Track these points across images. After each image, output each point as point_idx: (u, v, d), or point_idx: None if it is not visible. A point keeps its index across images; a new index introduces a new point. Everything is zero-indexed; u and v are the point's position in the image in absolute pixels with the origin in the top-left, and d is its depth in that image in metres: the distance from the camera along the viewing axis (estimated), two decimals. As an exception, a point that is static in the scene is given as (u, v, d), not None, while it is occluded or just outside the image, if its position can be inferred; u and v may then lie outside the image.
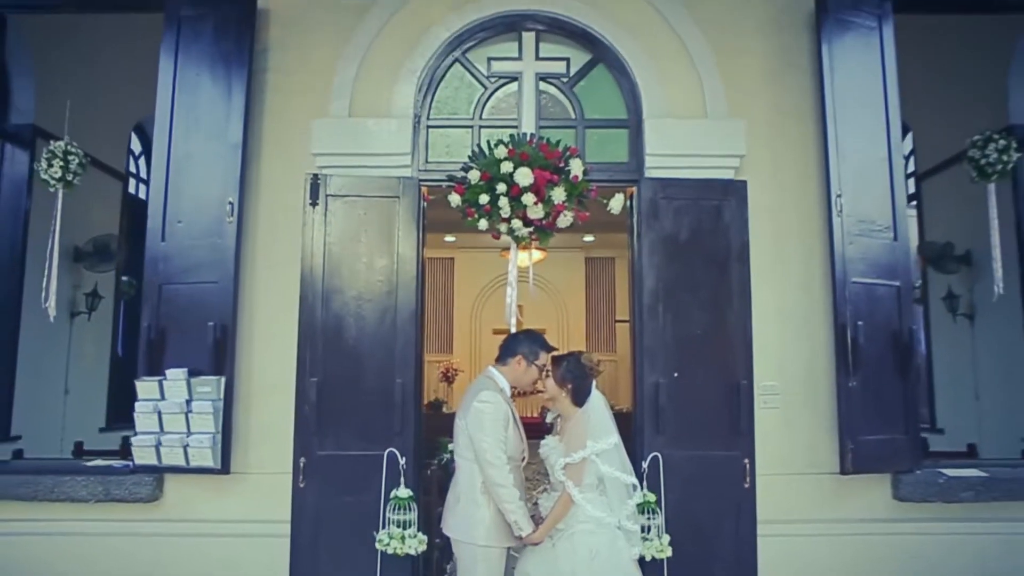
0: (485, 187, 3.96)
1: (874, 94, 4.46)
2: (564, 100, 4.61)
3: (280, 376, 4.18)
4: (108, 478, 4.21)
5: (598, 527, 3.38)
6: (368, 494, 3.96)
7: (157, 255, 4.34)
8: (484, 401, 3.33)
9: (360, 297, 4.22)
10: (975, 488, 4.24)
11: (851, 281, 4.21)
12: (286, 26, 4.56)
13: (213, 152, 4.33)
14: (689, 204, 4.29)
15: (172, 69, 4.49)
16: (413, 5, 4.50)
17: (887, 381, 4.24)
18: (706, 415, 4.15)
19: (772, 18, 4.58)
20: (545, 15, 4.54)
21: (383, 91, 4.43)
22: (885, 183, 4.42)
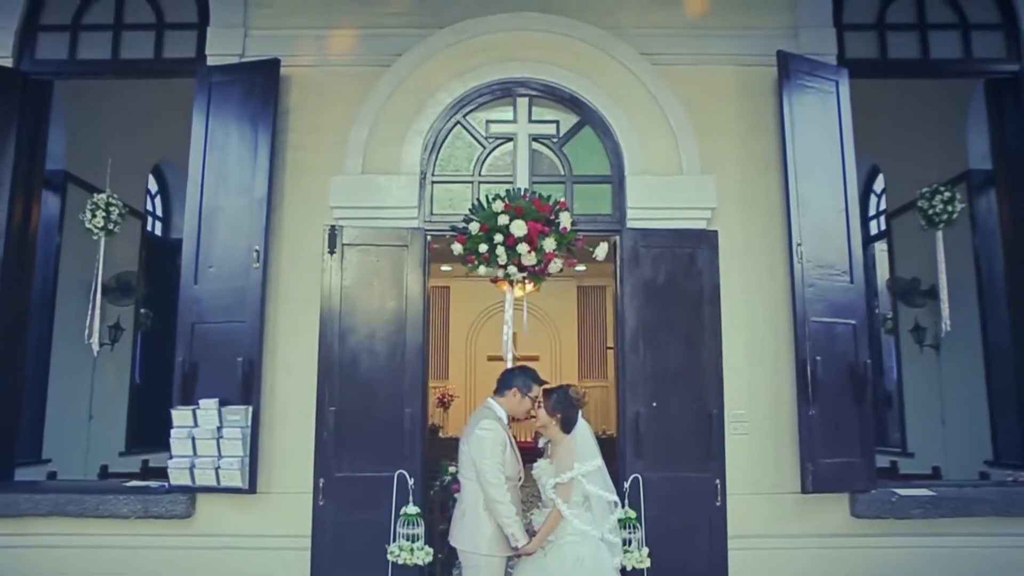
0: (484, 237, 4.54)
1: (832, 152, 5.08)
2: (554, 158, 5.22)
3: (301, 405, 4.74)
4: (147, 497, 4.75)
5: (584, 539, 3.91)
6: (380, 511, 4.48)
7: (190, 297, 4.90)
8: (485, 429, 3.88)
9: (373, 335, 4.79)
10: (924, 506, 4.80)
11: (810, 320, 4.79)
12: (306, 91, 5.17)
13: (241, 204, 4.92)
14: (666, 252, 4.88)
15: (204, 129, 5.08)
16: (419, 73, 5.11)
17: (844, 410, 4.81)
18: (682, 440, 4.71)
19: (740, 84, 5.20)
20: (537, 82, 5.16)
21: (393, 150, 5.03)
22: (842, 232, 5.02)
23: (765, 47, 5.13)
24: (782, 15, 5.29)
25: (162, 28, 5.38)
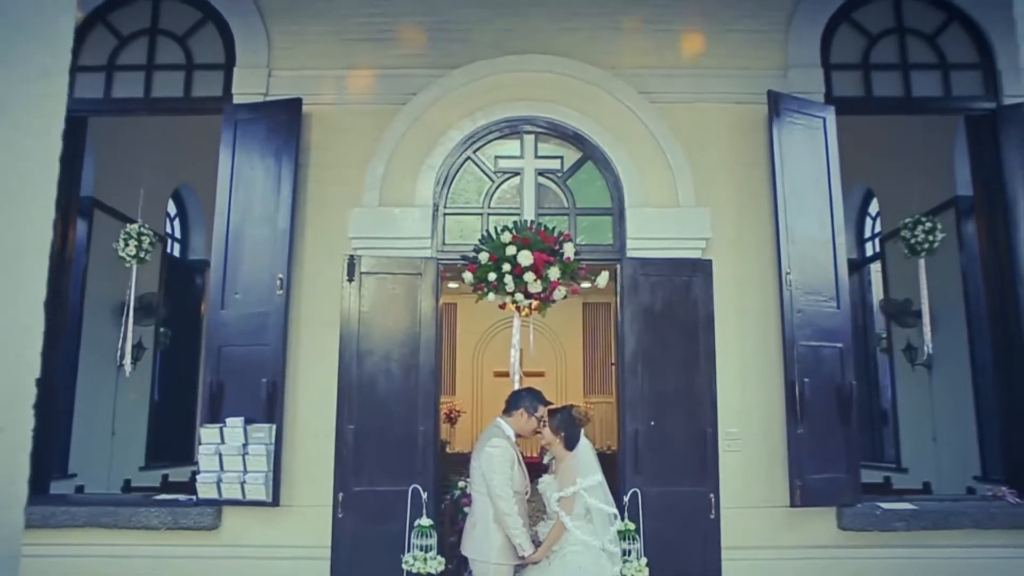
0: (493, 267, 4.93)
1: (820, 185, 5.46)
2: (559, 191, 5.62)
3: (322, 424, 5.11)
4: (176, 509, 5.13)
5: (585, 549, 4.27)
6: (396, 523, 4.85)
7: (218, 321, 5.30)
8: (494, 447, 4.26)
9: (389, 357, 5.17)
10: (906, 519, 5.15)
11: (799, 344, 5.16)
12: (326, 128, 5.57)
13: (265, 234, 5.32)
14: (663, 280, 5.26)
15: (230, 163, 5.49)
16: (432, 112, 5.51)
17: (831, 428, 5.17)
18: (678, 457, 5.07)
19: (733, 121, 5.59)
20: (543, 120, 5.57)
21: (408, 184, 5.43)
22: (829, 260, 5.40)
23: (757, 86, 5.52)
24: (773, 56, 5.69)
25: (191, 68, 5.79)
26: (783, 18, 5.73)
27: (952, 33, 5.83)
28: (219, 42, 5.79)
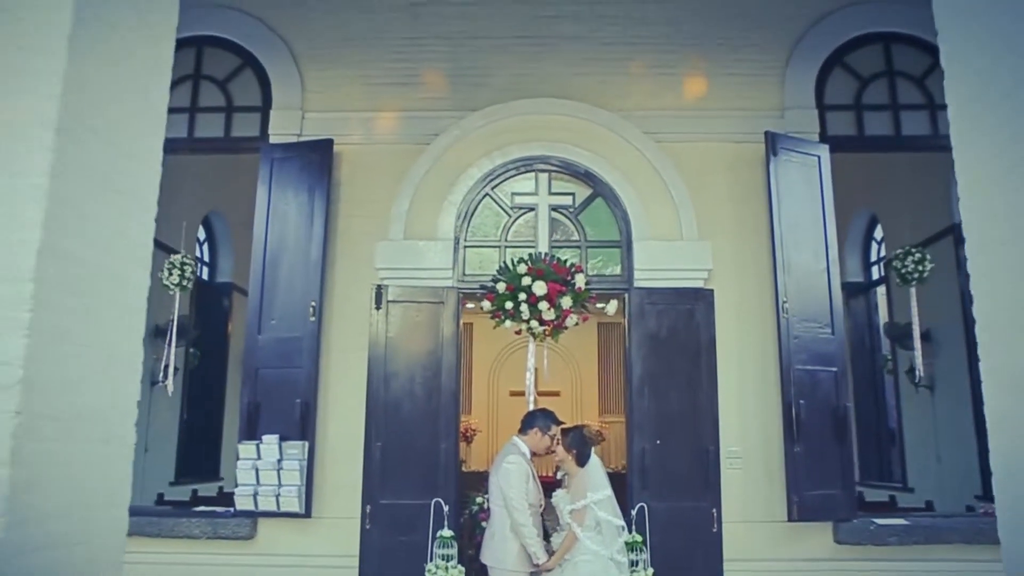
0: (510, 296, 5.44)
1: (815, 218, 5.93)
2: (571, 225, 6.13)
3: (351, 441, 5.61)
4: (215, 520, 5.63)
5: (595, 558, 4.72)
6: (419, 534, 5.29)
7: (255, 346, 5.83)
8: (511, 463, 4.74)
9: (413, 380, 5.67)
10: (898, 534, 5.57)
11: (795, 368, 5.61)
12: (355, 167, 6.12)
13: (299, 265, 5.85)
14: (668, 308, 5.75)
15: (267, 199, 6.04)
16: (453, 151, 6.05)
17: (826, 447, 5.61)
18: (682, 474, 5.53)
19: (733, 159, 6.08)
20: (556, 159, 6.10)
21: (430, 219, 5.96)
22: (824, 289, 5.86)
23: (755, 126, 6.01)
24: (770, 98, 6.19)
25: (231, 111, 6.37)
26: (780, 62, 6.23)
27: (940, 75, 6.28)
28: (256, 86, 6.37)
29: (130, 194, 2.73)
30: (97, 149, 2.50)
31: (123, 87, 2.66)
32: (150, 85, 2.86)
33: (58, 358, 2.31)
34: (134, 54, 2.74)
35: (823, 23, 6.30)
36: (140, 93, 2.78)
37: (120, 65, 2.64)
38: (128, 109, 2.70)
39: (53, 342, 2.29)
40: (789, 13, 6.28)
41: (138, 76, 2.76)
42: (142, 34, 2.78)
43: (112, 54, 2.58)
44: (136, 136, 2.76)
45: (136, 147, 2.75)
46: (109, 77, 2.56)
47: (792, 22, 6.29)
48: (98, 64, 2.50)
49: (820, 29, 6.30)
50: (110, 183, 2.59)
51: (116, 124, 2.62)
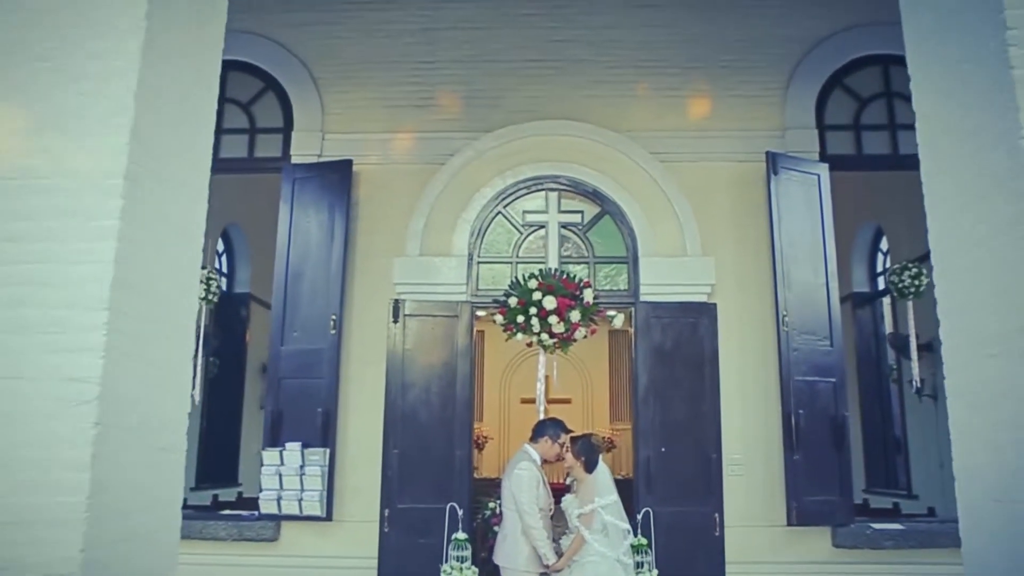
0: (521, 310, 5.80)
1: (814, 235, 6.26)
2: (579, 242, 6.50)
3: (370, 448, 5.99)
4: (241, 523, 6.02)
5: (602, 559, 5.07)
6: (435, 537, 5.64)
7: (278, 356, 6.22)
8: (522, 469, 5.10)
9: (429, 390, 6.05)
10: (895, 538, 5.90)
11: (794, 379, 5.95)
12: (373, 186, 6.51)
13: (320, 280, 6.24)
14: (673, 321, 6.10)
15: (289, 216, 6.43)
16: (467, 171, 6.43)
17: (824, 455, 5.94)
18: (686, 480, 5.88)
19: (736, 178, 6.43)
20: (565, 178, 6.48)
21: (445, 236, 6.35)
22: (823, 303, 6.19)
23: (757, 146, 6.35)
24: (771, 118, 6.53)
25: (254, 132, 6.78)
26: (781, 84, 6.58)
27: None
28: (279, 109, 6.77)
29: (182, 229, 3.11)
30: (157, 192, 2.89)
31: (178, 138, 3.05)
32: (199, 136, 3.25)
33: (126, 376, 2.69)
34: (187, 111, 3.13)
35: (823, 46, 6.65)
36: (191, 143, 3.17)
37: (176, 119, 3.03)
38: (181, 157, 3.09)
39: (122, 362, 2.67)
40: (790, 36, 6.63)
41: (190, 129, 3.15)
42: (194, 96, 3.18)
43: (170, 110, 2.97)
44: (188, 179, 3.14)
45: (188, 189, 3.14)
46: (167, 130, 2.95)
47: (793, 45, 6.64)
48: (158, 119, 2.89)
49: (820, 52, 6.64)
50: (167, 221, 2.98)
51: (172, 170, 3.01)
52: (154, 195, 2.87)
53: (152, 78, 2.85)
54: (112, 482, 2.59)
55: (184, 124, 3.12)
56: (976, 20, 2.96)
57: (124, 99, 2.76)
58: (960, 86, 3.08)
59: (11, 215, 2.70)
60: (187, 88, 3.14)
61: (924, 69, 3.36)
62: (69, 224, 2.68)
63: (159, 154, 2.90)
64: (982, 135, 2.92)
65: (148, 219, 2.83)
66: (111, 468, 2.59)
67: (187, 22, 3.13)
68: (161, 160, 2.92)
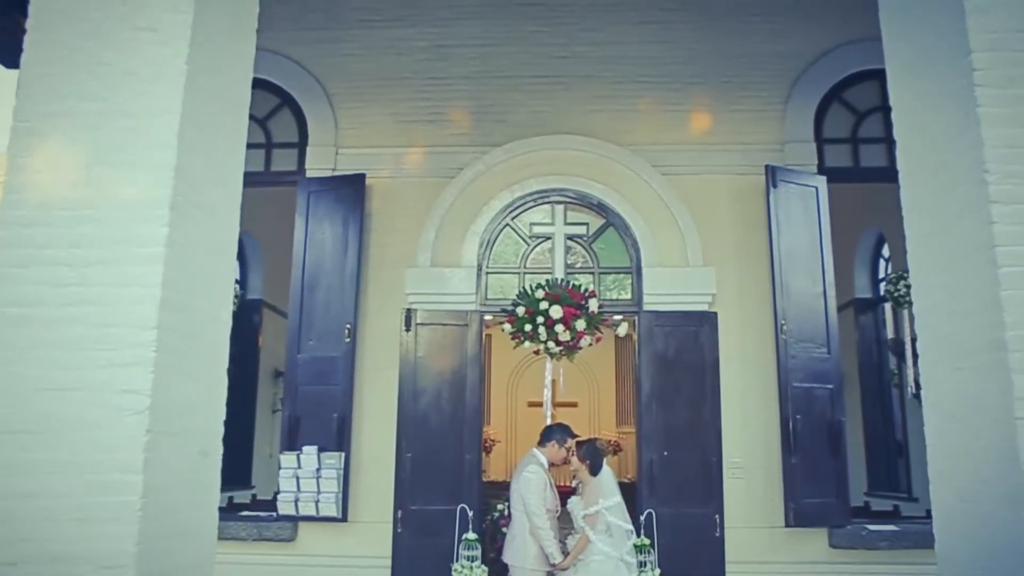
0: (529, 319, 6.12)
1: (812, 246, 6.55)
2: (585, 253, 6.82)
3: (383, 452, 6.30)
4: (260, 523, 6.34)
5: (606, 559, 5.37)
6: (446, 537, 5.95)
7: (295, 364, 6.54)
8: (531, 472, 5.41)
9: (440, 395, 6.36)
10: (889, 539, 6.19)
11: (792, 385, 6.24)
12: (386, 198, 6.82)
13: (335, 290, 6.56)
14: (675, 330, 6.40)
15: (304, 228, 6.75)
16: (476, 185, 6.75)
17: (821, 459, 6.22)
18: (687, 483, 6.17)
19: (736, 190, 6.73)
20: (571, 191, 6.79)
21: (455, 247, 6.66)
22: (821, 311, 6.48)
23: (756, 159, 6.64)
24: (771, 132, 6.82)
25: (270, 147, 7.10)
26: (781, 98, 6.87)
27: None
28: (294, 124, 7.10)
29: (218, 251, 3.44)
30: (197, 219, 3.21)
31: (213, 168, 3.37)
32: (231, 164, 3.58)
33: (172, 388, 3.02)
34: (221, 142, 3.46)
35: (821, 61, 6.94)
36: (224, 171, 3.50)
37: (212, 150, 3.35)
38: (216, 185, 3.41)
39: (169, 375, 2.99)
40: (789, 52, 6.92)
41: (223, 158, 3.48)
42: (227, 128, 3.52)
43: (207, 143, 3.30)
44: (222, 205, 3.47)
45: (222, 213, 3.47)
46: (204, 161, 3.28)
47: (792, 61, 6.93)
48: (197, 152, 3.21)
49: (818, 67, 6.94)
50: (205, 244, 3.30)
51: (208, 198, 3.33)
52: (194, 222, 3.19)
53: (192, 115, 3.17)
54: (161, 484, 2.92)
55: (218, 154, 3.44)
56: (947, 59, 3.26)
57: (167, 136, 3.09)
58: (935, 119, 3.38)
59: (67, 242, 3.03)
60: (221, 121, 3.47)
61: (903, 102, 3.66)
62: (119, 251, 3.01)
63: (198, 184, 3.23)
64: (953, 167, 3.22)
65: (189, 244, 3.16)
66: (160, 471, 2.91)
67: (221, 62, 3.45)
68: (199, 189, 3.24)
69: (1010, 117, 3.01)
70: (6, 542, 2.82)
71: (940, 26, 3.32)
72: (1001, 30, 3.10)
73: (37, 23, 3.22)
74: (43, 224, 3.05)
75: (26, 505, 2.85)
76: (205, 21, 3.27)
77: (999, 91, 3.04)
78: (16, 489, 2.86)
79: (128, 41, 3.16)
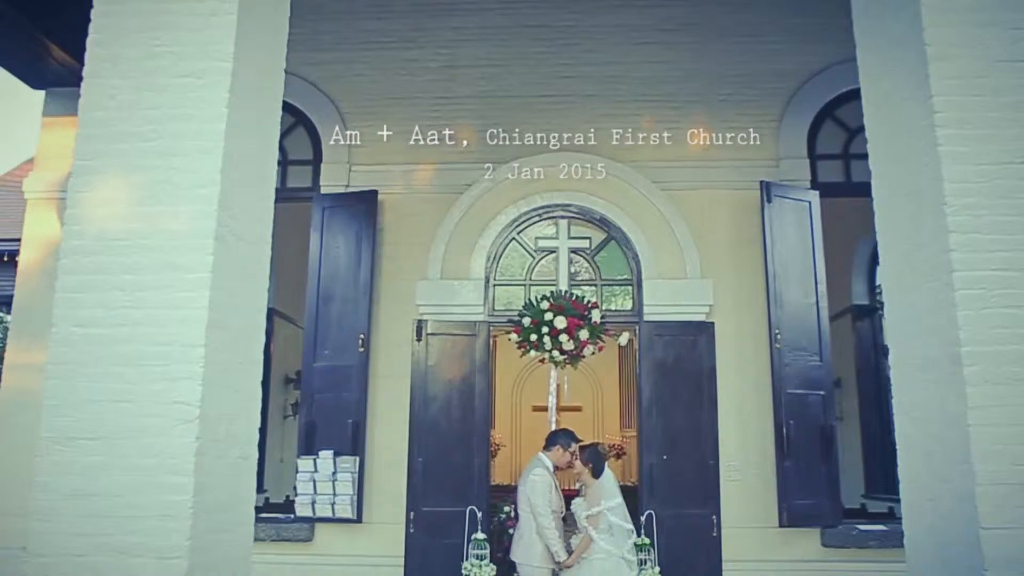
0: (534, 329, 6.52)
1: (805, 258, 6.93)
2: (587, 266, 7.22)
3: (397, 456, 6.70)
4: (279, 525, 6.75)
5: (608, 557, 5.76)
6: (456, 537, 6.34)
7: (311, 372, 6.94)
8: (537, 475, 5.80)
9: (450, 402, 6.76)
10: (878, 538, 6.57)
11: (786, 391, 6.62)
12: (397, 214, 7.23)
13: (348, 301, 6.96)
14: (674, 339, 6.80)
15: (319, 243, 7.15)
16: (483, 201, 7.15)
17: (813, 461, 6.60)
18: (686, 485, 6.56)
19: (732, 205, 7.12)
20: (574, 207, 7.19)
21: (463, 260, 7.07)
22: (814, 321, 6.86)
23: (752, 175, 7.03)
24: (766, 149, 7.21)
25: (286, 164, 7.51)
26: (775, 116, 7.26)
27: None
28: (308, 142, 7.51)
29: (254, 274, 3.84)
30: (237, 248, 3.62)
31: (250, 199, 3.78)
32: (264, 194, 3.98)
33: (217, 399, 3.42)
34: (257, 175, 3.87)
35: (814, 80, 7.33)
36: (259, 201, 3.91)
37: (249, 184, 3.76)
38: (252, 214, 3.82)
39: (215, 388, 3.40)
40: (783, 72, 7.31)
41: (258, 190, 3.89)
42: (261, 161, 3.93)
43: (245, 177, 3.70)
44: (257, 232, 3.87)
45: (257, 240, 3.87)
46: (242, 194, 3.68)
47: (786, 80, 7.33)
48: (236, 187, 3.62)
49: (812, 85, 7.33)
50: (243, 269, 3.70)
51: (246, 226, 3.73)
52: (234, 249, 3.60)
53: (231, 153, 3.58)
54: (208, 485, 3.32)
55: (253, 186, 3.85)
56: (914, 99, 3.65)
57: (211, 173, 3.50)
58: (906, 152, 3.77)
59: (122, 269, 3.44)
60: (256, 156, 3.87)
61: (877, 137, 4.06)
62: (170, 277, 3.42)
63: (237, 214, 3.63)
64: (920, 197, 3.62)
65: (230, 270, 3.56)
66: (207, 474, 3.32)
67: (256, 103, 3.86)
68: (239, 219, 3.65)
69: (966, 155, 3.41)
70: (68, 536, 3.24)
71: (908, 69, 3.71)
72: (959, 76, 3.50)
73: (92, 71, 3.63)
74: (100, 253, 3.46)
75: (85, 504, 3.26)
76: (242, 68, 3.68)
77: (956, 131, 3.44)
78: (77, 489, 3.27)
79: (175, 88, 3.57)
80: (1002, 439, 3.20)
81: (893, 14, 3.83)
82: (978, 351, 3.26)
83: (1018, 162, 3.42)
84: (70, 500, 3.25)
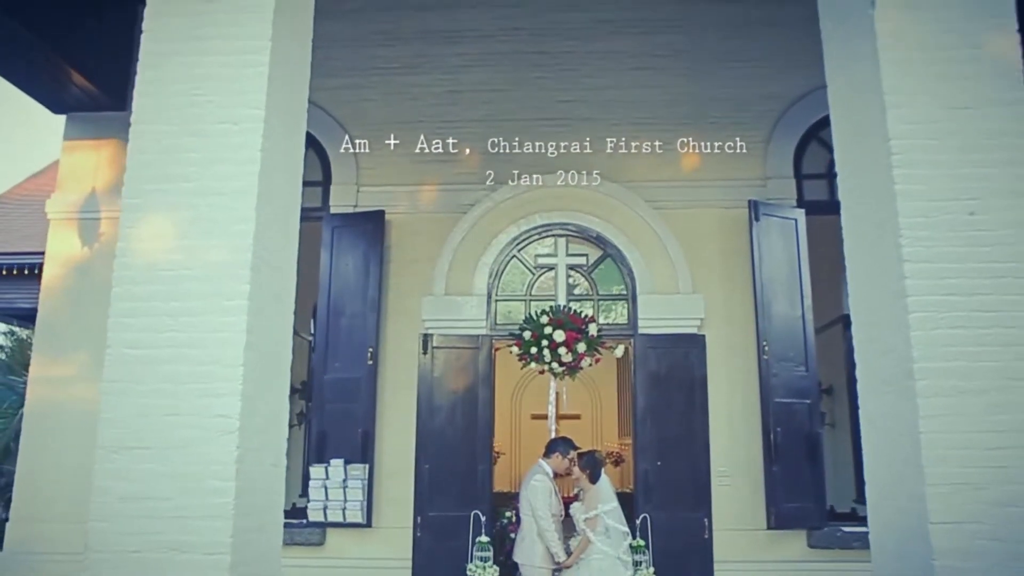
0: (534, 342, 7.01)
1: (792, 273, 7.43)
2: (585, 282, 7.72)
3: (404, 463, 7.18)
4: (292, 529, 7.15)
5: (605, 557, 6.21)
6: (461, 540, 6.77)
7: (322, 384, 7.43)
8: (538, 481, 6.27)
9: (454, 412, 7.25)
10: (862, 539, 6.93)
11: (774, 400, 7.11)
12: (403, 232, 7.72)
13: (357, 316, 7.45)
14: (667, 351, 7.29)
15: (329, 261, 7.64)
16: (485, 219, 7.65)
17: (800, 467, 7.08)
18: (679, 489, 7.05)
19: (722, 223, 7.62)
20: (572, 225, 7.69)
21: (467, 277, 7.56)
22: (800, 333, 7.36)
23: (741, 194, 7.53)
24: (754, 169, 7.72)
25: (297, 185, 7.99)
26: (763, 138, 7.77)
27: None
28: (318, 164, 8.00)
29: (283, 299, 4.33)
30: (269, 276, 4.11)
31: (280, 231, 4.27)
32: (290, 226, 4.47)
33: (254, 413, 3.91)
34: (284, 209, 4.36)
35: (800, 103, 7.83)
36: (286, 232, 4.40)
37: (279, 217, 4.25)
38: (281, 244, 4.31)
39: (252, 403, 3.89)
40: (771, 95, 7.82)
41: (285, 222, 4.38)
42: (288, 195, 4.43)
43: (276, 212, 4.20)
44: (285, 260, 4.37)
45: (285, 267, 4.37)
46: (274, 227, 4.18)
47: (773, 103, 7.83)
48: (269, 221, 4.11)
49: (798, 108, 7.83)
50: (275, 294, 4.20)
51: (277, 255, 4.23)
52: (267, 278, 4.09)
53: (264, 192, 4.07)
54: (246, 488, 3.81)
55: (282, 219, 4.34)
56: (877, 140, 4.15)
57: (247, 210, 3.99)
58: (871, 186, 4.26)
59: (168, 297, 3.93)
60: (284, 192, 4.37)
61: (846, 170, 4.56)
62: (210, 303, 3.91)
63: (269, 246, 4.12)
64: (882, 228, 4.12)
65: (265, 296, 4.06)
66: (246, 479, 3.80)
67: (285, 145, 4.36)
68: (271, 250, 4.14)
69: (919, 193, 3.91)
70: (123, 535, 3.72)
71: (871, 113, 4.21)
72: (915, 121, 4.01)
73: (140, 117, 4.13)
74: (148, 282, 3.95)
75: (139, 506, 3.74)
76: (272, 114, 4.17)
77: (911, 171, 3.95)
78: (131, 493, 3.75)
79: (214, 133, 4.07)
80: (949, 445, 3.70)
81: (857, 65, 4.34)
82: (928, 367, 3.76)
83: (965, 198, 3.92)
84: (125, 503, 3.73)
